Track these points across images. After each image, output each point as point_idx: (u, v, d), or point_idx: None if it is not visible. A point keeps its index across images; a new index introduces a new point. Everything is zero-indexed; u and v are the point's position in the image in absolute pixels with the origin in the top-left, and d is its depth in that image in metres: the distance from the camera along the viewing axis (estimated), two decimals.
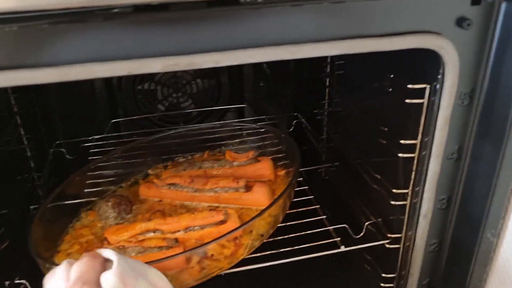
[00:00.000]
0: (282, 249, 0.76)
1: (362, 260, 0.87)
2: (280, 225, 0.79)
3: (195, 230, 0.76)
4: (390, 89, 0.73)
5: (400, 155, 0.70)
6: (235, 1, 0.50)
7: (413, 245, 0.74)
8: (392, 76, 0.72)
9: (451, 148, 0.66)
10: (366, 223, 0.82)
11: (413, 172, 0.70)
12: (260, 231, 0.76)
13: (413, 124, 0.67)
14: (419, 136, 0.67)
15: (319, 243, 0.78)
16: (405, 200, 0.73)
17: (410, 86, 0.64)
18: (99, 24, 0.48)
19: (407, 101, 0.65)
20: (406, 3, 0.55)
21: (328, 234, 0.81)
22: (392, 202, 0.75)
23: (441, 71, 0.60)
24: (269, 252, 0.76)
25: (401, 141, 0.69)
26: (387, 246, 0.78)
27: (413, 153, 0.68)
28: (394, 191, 0.74)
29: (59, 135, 1.09)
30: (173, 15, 0.49)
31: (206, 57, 0.52)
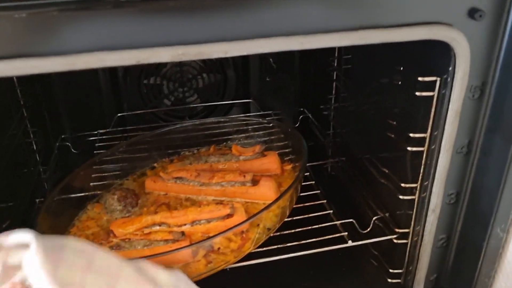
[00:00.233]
0: (289, 244, 0.76)
1: (369, 255, 0.86)
2: (287, 220, 0.79)
3: (202, 224, 0.76)
4: (400, 82, 0.72)
5: (409, 149, 0.70)
6: None
7: (421, 240, 0.74)
8: (402, 69, 0.71)
9: (461, 142, 0.66)
10: (374, 218, 0.82)
11: (422, 166, 0.69)
12: (267, 225, 0.75)
13: (423, 118, 0.66)
14: (429, 130, 0.66)
15: (326, 238, 0.77)
16: (414, 195, 0.72)
17: (420, 79, 0.64)
18: (108, 12, 0.47)
19: (417, 94, 0.65)
20: None
21: (335, 229, 0.80)
22: (400, 197, 0.74)
23: (452, 64, 0.59)
24: (276, 247, 0.75)
25: (410, 135, 0.68)
26: (395, 241, 0.78)
27: (422, 147, 0.68)
28: (403, 186, 0.74)
29: (65, 129, 1.09)
30: (182, 4, 0.49)
31: (215, 47, 0.51)
